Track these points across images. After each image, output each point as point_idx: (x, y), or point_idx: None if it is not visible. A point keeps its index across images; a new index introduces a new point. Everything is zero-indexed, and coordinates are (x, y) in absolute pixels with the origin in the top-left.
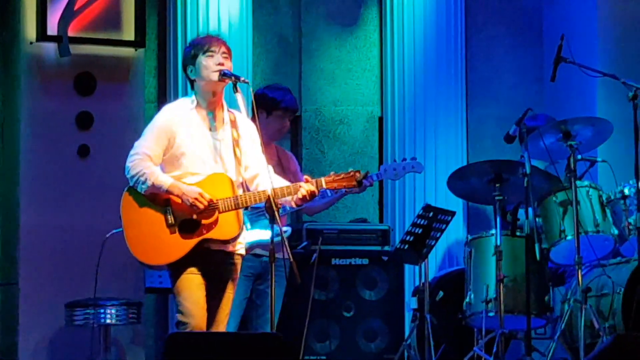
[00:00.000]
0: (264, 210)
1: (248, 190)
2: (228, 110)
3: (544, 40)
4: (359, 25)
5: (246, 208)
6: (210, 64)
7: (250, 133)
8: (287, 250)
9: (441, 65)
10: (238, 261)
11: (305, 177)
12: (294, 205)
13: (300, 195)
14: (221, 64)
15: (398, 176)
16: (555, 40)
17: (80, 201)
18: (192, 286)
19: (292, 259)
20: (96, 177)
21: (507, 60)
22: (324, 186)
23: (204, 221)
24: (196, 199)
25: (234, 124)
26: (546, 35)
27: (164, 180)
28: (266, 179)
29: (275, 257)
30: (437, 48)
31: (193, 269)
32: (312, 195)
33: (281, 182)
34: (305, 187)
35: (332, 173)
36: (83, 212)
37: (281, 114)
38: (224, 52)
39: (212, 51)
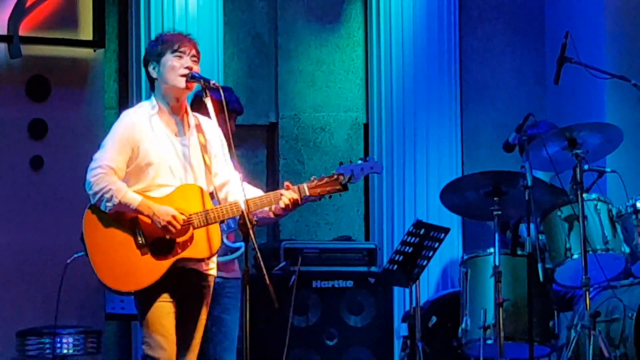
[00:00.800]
0: (238, 227)
1: (217, 198)
2: (192, 115)
3: (546, 39)
4: (341, 23)
5: (222, 221)
6: (177, 66)
7: (218, 137)
8: (263, 270)
9: (433, 66)
10: (211, 283)
11: (286, 183)
12: (271, 216)
13: (282, 205)
14: (189, 68)
15: (356, 179)
16: (558, 38)
17: (33, 218)
18: (162, 315)
19: (268, 281)
20: (51, 192)
21: (505, 60)
22: (307, 193)
23: (178, 239)
24: (169, 221)
25: (199, 128)
26: (548, 33)
27: (133, 198)
28: (237, 188)
29: (248, 279)
30: (428, 47)
31: (164, 296)
32: (294, 204)
33: (255, 192)
34: (288, 195)
35: (313, 178)
36: (36, 230)
37: (225, 117)
38: (193, 56)
39: (181, 52)
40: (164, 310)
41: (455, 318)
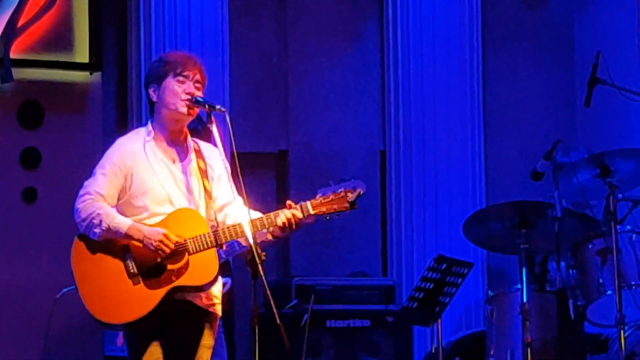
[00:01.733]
0: (246, 262)
1: (215, 223)
2: (192, 140)
3: (575, 58)
4: (356, 42)
5: (220, 247)
6: (179, 91)
7: (217, 161)
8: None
9: (454, 88)
10: (215, 322)
11: (288, 202)
12: (269, 238)
13: (279, 222)
14: (191, 94)
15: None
16: (589, 58)
17: (26, 254)
18: None
19: (279, 321)
20: (45, 226)
21: (532, 81)
22: (311, 211)
23: (170, 266)
24: (161, 241)
25: (198, 153)
26: (578, 52)
27: (122, 222)
28: (237, 210)
29: (257, 319)
30: (450, 68)
31: (152, 340)
32: (297, 222)
33: (254, 215)
34: (287, 212)
35: (319, 195)
36: (29, 267)
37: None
38: (197, 81)
39: (184, 76)
40: (150, 357)
41: (480, 359)
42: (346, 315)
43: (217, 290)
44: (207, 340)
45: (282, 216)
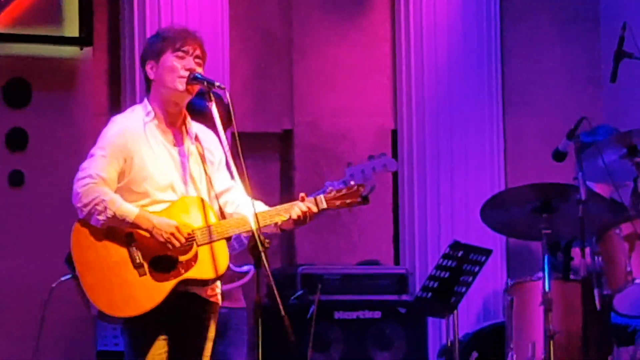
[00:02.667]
0: (248, 250)
1: (220, 210)
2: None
3: (600, 31)
4: (364, 15)
5: (229, 238)
6: (178, 67)
7: (217, 145)
8: (277, 300)
9: (470, 64)
10: (215, 312)
11: (302, 195)
12: (277, 232)
13: (294, 216)
14: (191, 70)
15: (367, 180)
16: (615, 31)
17: (12, 241)
18: (154, 357)
19: (283, 313)
20: (33, 211)
21: (553, 56)
22: (325, 205)
23: (181, 258)
24: (172, 234)
25: (197, 137)
26: (604, 24)
27: (129, 210)
28: (238, 197)
29: (261, 310)
30: (465, 43)
31: (157, 334)
32: (311, 216)
33: (260, 206)
34: (302, 205)
35: (330, 188)
36: (16, 254)
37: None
38: (197, 57)
39: (184, 50)
40: (155, 351)
41: (500, 353)
42: (355, 306)
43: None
44: (212, 332)
45: (297, 209)
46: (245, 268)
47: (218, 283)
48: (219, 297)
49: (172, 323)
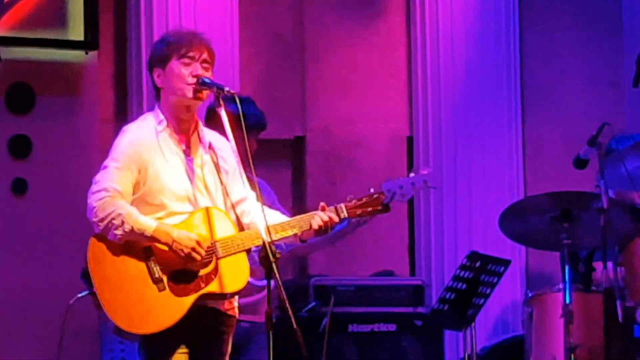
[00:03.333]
0: (258, 261)
1: (238, 220)
2: (204, 129)
3: (623, 33)
4: (379, 17)
5: (249, 251)
6: (185, 75)
7: (229, 152)
8: (289, 312)
9: (488, 67)
10: (232, 326)
11: (322, 204)
12: (297, 243)
13: (315, 226)
14: (198, 76)
15: (405, 196)
16: (637, 33)
17: (14, 253)
18: None
19: (295, 325)
20: (36, 221)
21: (574, 60)
22: (346, 214)
23: (201, 271)
24: (193, 248)
25: (210, 145)
26: (626, 26)
27: (147, 223)
28: (254, 208)
29: (272, 323)
30: (483, 46)
31: (179, 344)
32: (333, 225)
33: (278, 217)
34: (323, 215)
35: (350, 197)
36: (18, 267)
37: (242, 131)
38: (204, 61)
39: (190, 57)
40: None
41: None
42: (370, 319)
43: None
44: (227, 345)
45: (318, 219)
46: (265, 282)
47: (235, 296)
48: (236, 310)
49: (190, 337)
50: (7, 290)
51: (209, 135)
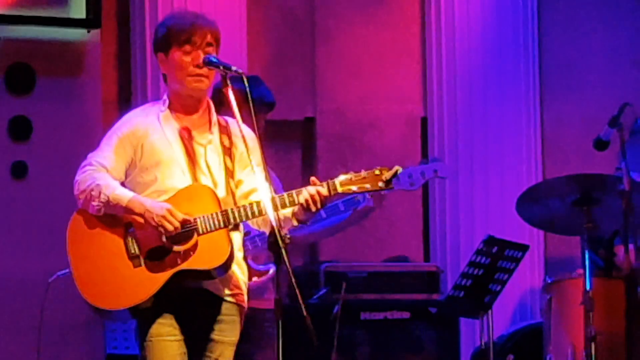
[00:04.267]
0: (267, 246)
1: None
2: (217, 114)
3: None
4: None
5: (235, 227)
6: (187, 64)
7: (247, 140)
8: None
9: (506, 46)
10: (235, 314)
11: (312, 179)
12: (294, 224)
13: (302, 200)
14: (200, 65)
15: (415, 185)
16: None
17: (15, 237)
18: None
19: (305, 313)
20: (37, 204)
21: (595, 37)
22: (339, 189)
23: (176, 247)
24: (163, 216)
25: (224, 129)
26: None
27: (122, 194)
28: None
29: (281, 310)
30: (500, 23)
31: (169, 330)
32: (322, 199)
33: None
34: (311, 189)
35: (350, 172)
36: (19, 251)
37: (250, 111)
38: (208, 43)
39: (191, 43)
40: (167, 353)
41: (537, 356)
42: (382, 306)
43: (239, 280)
44: (230, 335)
45: (305, 193)
46: (267, 267)
47: (241, 284)
48: (242, 297)
49: (182, 320)
50: (6, 275)
51: (228, 121)
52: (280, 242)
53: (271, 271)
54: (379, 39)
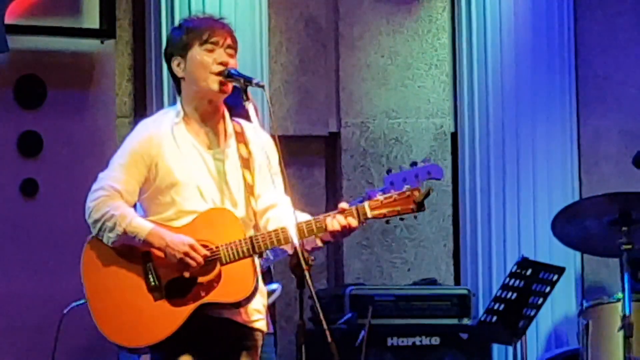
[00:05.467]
0: (290, 269)
1: (257, 227)
2: (231, 120)
3: None
4: (420, 2)
5: (260, 255)
6: (209, 62)
7: (265, 149)
8: (324, 324)
9: (540, 58)
10: (258, 340)
11: (340, 206)
12: (318, 244)
13: (330, 228)
14: (224, 63)
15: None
16: None
17: (24, 257)
18: None
19: (330, 338)
20: (47, 224)
21: (633, 48)
22: (369, 215)
23: (200, 279)
24: (186, 253)
25: (240, 136)
26: None
27: (140, 225)
28: (283, 214)
29: (304, 335)
30: (534, 33)
31: (186, 356)
32: (350, 230)
33: (302, 218)
34: (341, 219)
35: (378, 194)
36: (28, 273)
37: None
38: (229, 46)
39: (213, 42)
40: None
41: None
42: (411, 331)
43: (259, 303)
44: (251, 358)
45: (335, 223)
46: (274, 286)
47: (261, 307)
48: (261, 323)
49: (201, 350)
50: (14, 297)
51: (243, 126)
52: (303, 264)
53: (277, 292)
54: (406, 50)
